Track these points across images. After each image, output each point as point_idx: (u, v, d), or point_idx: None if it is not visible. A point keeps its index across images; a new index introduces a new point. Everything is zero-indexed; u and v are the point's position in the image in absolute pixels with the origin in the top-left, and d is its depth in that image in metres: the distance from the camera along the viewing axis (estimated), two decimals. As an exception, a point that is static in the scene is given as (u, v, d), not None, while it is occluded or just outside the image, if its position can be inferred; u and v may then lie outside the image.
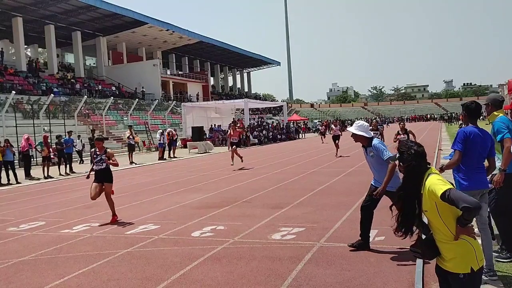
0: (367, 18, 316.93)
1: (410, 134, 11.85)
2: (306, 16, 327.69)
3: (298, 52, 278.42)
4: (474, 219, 3.13)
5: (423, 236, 2.72)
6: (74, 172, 17.11)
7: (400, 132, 11.97)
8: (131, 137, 20.61)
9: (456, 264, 2.47)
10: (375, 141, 5.15)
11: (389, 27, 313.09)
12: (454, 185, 4.36)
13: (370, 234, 5.30)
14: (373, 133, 14.62)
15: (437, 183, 2.46)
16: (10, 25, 38.15)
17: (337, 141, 18.95)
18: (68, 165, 17.23)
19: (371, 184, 5.31)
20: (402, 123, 12.49)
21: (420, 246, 2.66)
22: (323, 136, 30.63)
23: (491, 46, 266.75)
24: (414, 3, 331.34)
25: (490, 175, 4.44)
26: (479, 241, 2.71)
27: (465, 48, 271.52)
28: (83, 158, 21.86)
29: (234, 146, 15.83)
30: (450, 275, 2.51)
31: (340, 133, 19.64)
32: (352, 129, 5.19)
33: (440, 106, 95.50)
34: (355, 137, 5.21)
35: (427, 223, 2.67)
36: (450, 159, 4.59)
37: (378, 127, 15.71)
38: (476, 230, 3.64)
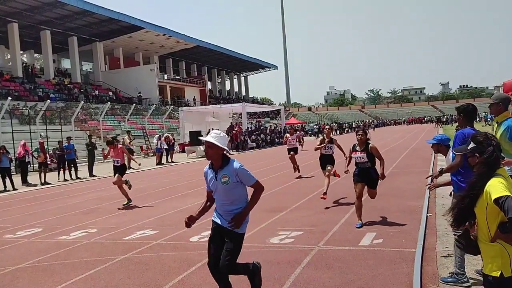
0: (364, 22, 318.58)
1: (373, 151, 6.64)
2: (303, 19, 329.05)
3: (295, 55, 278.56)
4: None
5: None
6: (79, 178, 17.19)
7: (356, 147, 6.75)
8: (131, 142, 20.78)
9: (486, 265, 2.48)
10: (237, 164, 3.63)
11: (385, 31, 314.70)
12: (453, 186, 4.35)
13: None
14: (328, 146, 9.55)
15: (498, 185, 2.40)
16: (6, 31, 38.13)
17: (292, 153, 13.64)
18: (72, 171, 17.33)
19: (213, 221, 3.83)
20: (360, 134, 6.82)
21: (465, 239, 2.65)
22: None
23: (487, 49, 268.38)
24: (410, 6, 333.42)
25: None
26: None
27: (461, 51, 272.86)
28: (77, 165, 21.77)
29: (117, 175, 9.97)
30: (483, 274, 2.53)
31: (297, 145, 14.02)
32: (209, 138, 3.63)
33: (437, 108, 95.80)
34: (212, 148, 3.60)
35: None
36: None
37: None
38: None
